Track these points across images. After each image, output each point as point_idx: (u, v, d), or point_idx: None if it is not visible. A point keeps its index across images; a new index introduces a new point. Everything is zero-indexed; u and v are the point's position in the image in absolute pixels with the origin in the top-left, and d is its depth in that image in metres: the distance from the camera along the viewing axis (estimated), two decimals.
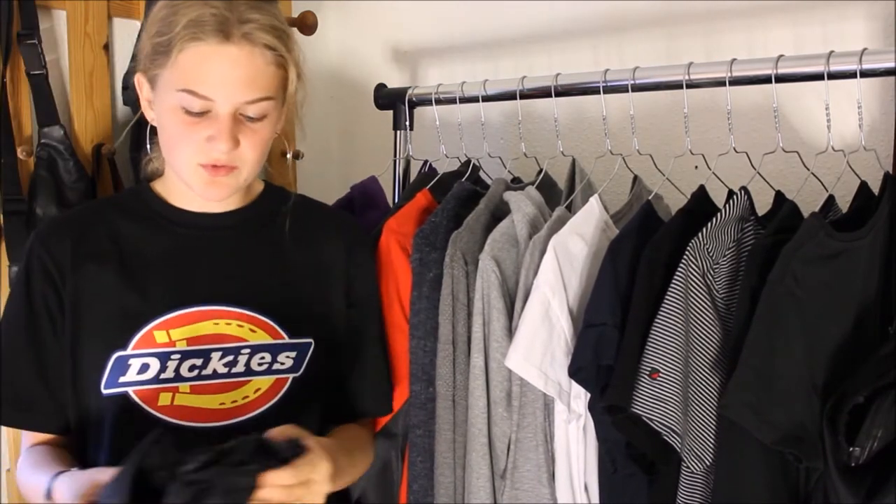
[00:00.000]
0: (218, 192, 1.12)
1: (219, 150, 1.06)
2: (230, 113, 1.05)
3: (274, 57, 1.07)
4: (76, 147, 1.54)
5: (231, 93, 1.05)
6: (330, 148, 2.15)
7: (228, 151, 1.06)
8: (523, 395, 1.24)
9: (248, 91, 1.05)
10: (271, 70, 1.07)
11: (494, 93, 1.46)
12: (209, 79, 1.04)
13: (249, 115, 1.07)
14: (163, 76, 1.08)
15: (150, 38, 1.09)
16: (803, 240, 1.06)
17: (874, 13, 1.38)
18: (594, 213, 1.27)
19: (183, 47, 1.04)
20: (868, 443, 0.98)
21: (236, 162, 1.09)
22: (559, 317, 1.21)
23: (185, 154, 1.08)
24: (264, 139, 1.10)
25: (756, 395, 1.04)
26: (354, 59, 2.10)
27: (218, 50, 1.03)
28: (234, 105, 1.05)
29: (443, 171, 1.52)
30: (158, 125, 1.13)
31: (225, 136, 1.05)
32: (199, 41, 1.03)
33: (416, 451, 1.33)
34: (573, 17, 1.72)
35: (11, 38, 1.46)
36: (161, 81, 1.08)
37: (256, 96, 1.06)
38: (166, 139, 1.11)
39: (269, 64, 1.07)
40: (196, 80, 1.04)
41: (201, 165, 1.08)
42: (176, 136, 1.08)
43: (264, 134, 1.10)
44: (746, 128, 1.43)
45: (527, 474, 1.24)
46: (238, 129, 1.06)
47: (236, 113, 1.06)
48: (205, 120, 1.06)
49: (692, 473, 1.14)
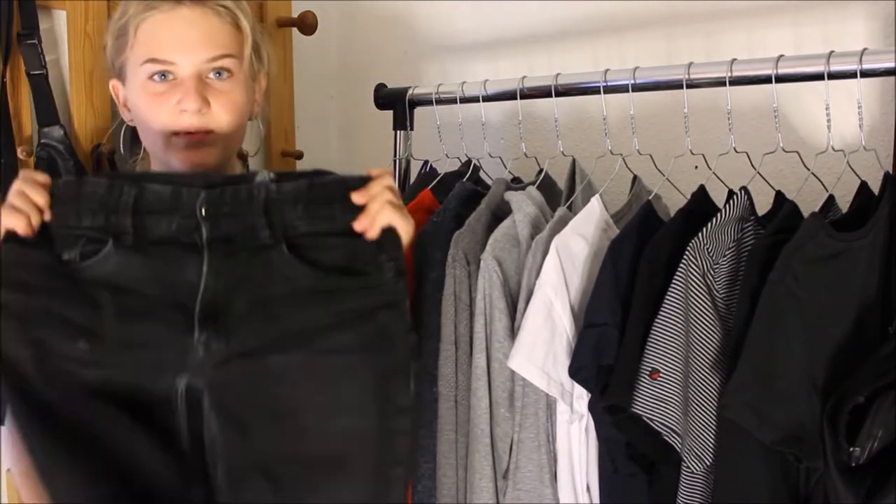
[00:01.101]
0: (195, 158, 1.10)
1: (189, 109, 1.07)
2: (193, 73, 1.08)
3: (228, 14, 1.10)
4: (76, 147, 1.54)
5: (190, 52, 1.08)
6: (330, 148, 2.15)
7: (198, 111, 1.07)
8: (525, 396, 1.24)
9: (206, 49, 1.08)
10: (227, 29, 1.10)
11: (494, 93, 1.46)
12: (167, 43, 1.07)
13: (212, 74, 1.09)
14: (129, 61, 1.11)
15: (111, 35, 1.13)
16: (803, 240, 1.06)
17: (874, 13, 1.38)
18: (595, 213, 1.27)
19: (139, 22, 1.08)
20: (868, 443, 0.98)
21: (210, 124, 1.09)
22: (561, 317, 1.21)
23: (159, 126, 1.09)
24: (234, 101, 1.11)
25: (756, 395, 1.04)
26: (354, 59, 2.10)
27: (171, 14, 1.08)
28: (195, 65, 1.08)
29: (443, 172, 1.52)
30: (134, 115, 1.14)
31: (192, 94, 1.07)
32: (152, 11, 1.08)
33: (419, 451, 1.33)
34: (573, 17, 1.72)
35: (11, 38, 1.46)
36: (128, 68, 1.11)
37: (216, 53, 1.09)
38: (141, 120, 1.12)
39: (225, 23, 1.10)
40: (155, 47, 1.08)
41: (175, 135, 1.09)
42: (148, 111, 1.10)
43: (234, 96, 1.11)
44: (746, 128, 1.43)
45: (529, 475, 1.24)
46: (205, 90, 1.08)
47: (200, 75, 1.08)
48: (171, 87, 1.08)
49: (692, 473, 1.14)
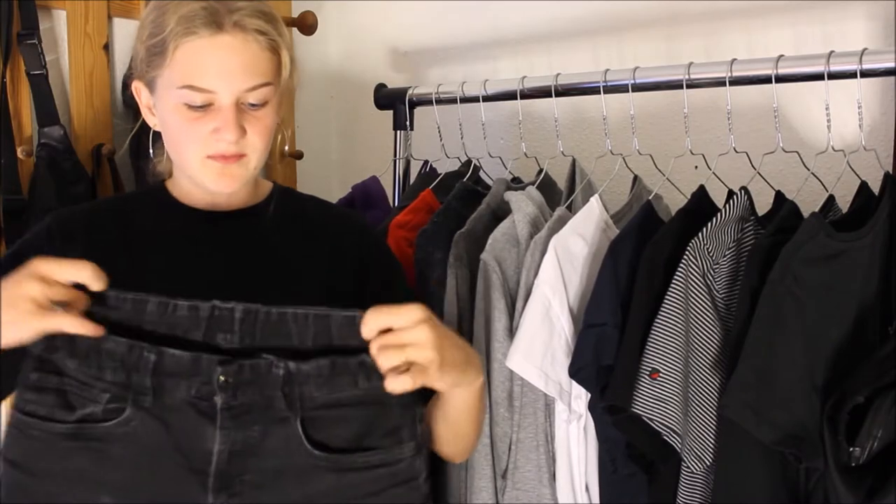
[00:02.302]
0: (229, 183, 1.11)
1: (226, 140, 1.06)
2: (232, 103, 1.06)
3: (267, 42, 1.08)
4: (76, 147, 1.54)
5: (231, 82, 1.06)
6: (330, 148, 2.15)
7: (236, 141, 1.07)
8: (524, 396, 1.24)
9: (247, 78, 1.07)
10: (266, 55, 1.09)
11: (494, 93, 1.47)
12: (208, 71, 1.05)
13: (251, 102, 1.08)
14: (161, 77, 1.08)
15: (142, 42, 1.10)
16: (803, 240, 1.06)
17: (874, 13, 1.38)
18: (594, 212, 1.27)
19: (178, 44, 1.05)
20: (868, 443, 0.98)
21: (245, 150, 1.09)
22: (560, 317, 1.21)
23: (192, 149, 1.09)
24: (268, 126, 1.11)
25: (756, 395, 1.04)
26: (354, 59, 2.10)
27: (212, 41, 1.05)
28: (235, 94, 1.06)
29: (443, 172, 1.52)
30: (162, 127, 1.13)
31: (231, 125, 1.06)
32: (192, 35, 1.04)
33: None
34: (573, 17, 1.72)
35: (11, 38, 1.46)
36: (160, 83, 1.09)
37: (256, 83, 1.07)
38: (172, 138, 1.12)
39: (264, 49, 1.08)
40: (195, 74, 1.05)
41: (209, 157, 1.08)
42: (181, 134, 1.09)
43: (267, 121, 1.11)
44: (746, 128, 1.43)
45: (527, 474, 1.24)
46: (242, 118, 1.08)
47: (238, 102, 1.07)
48: (208, 113, 1.07)
49: (692, 473, 1.14)
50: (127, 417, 0.97)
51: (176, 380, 0.97)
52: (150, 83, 1.11)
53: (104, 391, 0.98)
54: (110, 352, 0.96)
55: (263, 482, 0.98)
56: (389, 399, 0.98)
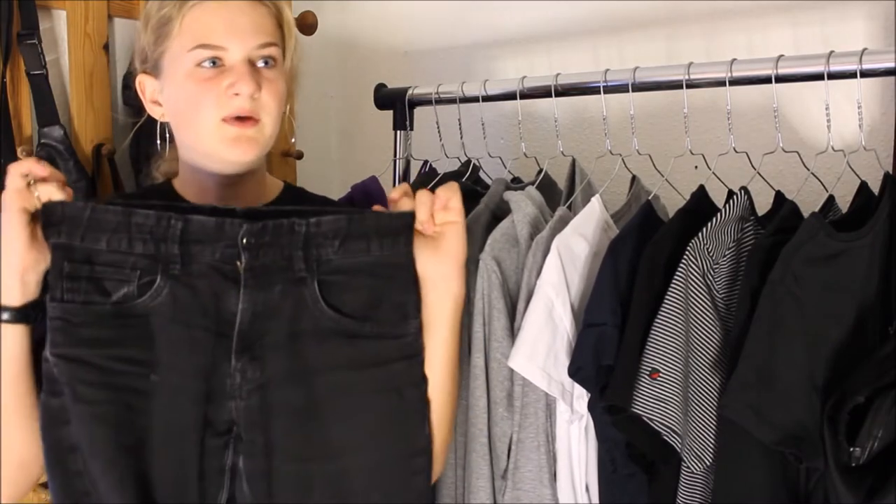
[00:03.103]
0: (245, 150, 1.10)
1: (243, 93, 1.07)
2: (244, 58, 1.09)
3: (273, 7, 1.13)
4: (76, 147, 1.54)
5: (241, 38, 1.08)
6: (330, 148, 2.15)
7: (251, 94, 1.08)
8: (525, 396, 1.24)
9: (256, 36, 1.09)
10: (272, 21, 1.12)
11: (494, 93, 1.46)
12: (218, 29, 1.08)
13: (260, 62, 1.10)
14: (170, 50, 1.10)
15: (147, 27, 1.12)
16: (803, 240, 1.06)
17: (874, 13, 1.38)
18: (596, 213, 1.27)
19: (186, 12, 1.08)
20: (868, 443, 0.98)
21: (259, 113, 1.09)
22: (562, 317, 1.21)
23: (208, 113, 1.08)
24: (278, 91, 1.12)
25: (756, 395, 1.04)
26: (354, 59, 2.10)
27: (220, 3, 1.09)
28: (245, 50, 1.09)
29: (443, 172, 1.52)
30: (173, 102, 1.13)
31: (246, 77, 1.07)
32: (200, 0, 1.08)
33: None
34: (573, 17, 1.72)
35: (11, 38, 1.46)
36: (168, 57, 1.11)
37: (265, 40, 1.10)
38: (185, 107, 1.11)
39: (270, 14, 1.12)
40: (206, 33, 1.08)
41: (225, 121, 1.08)
42: (195, 97, 1.09)
43: (279, 85, 1.12)
44: (746, 128, 1.44)
45: (528, 475, 1.24)
46: (256, 75, 1.09)
47: (249, 60, 1.09)
48: (220, 73, 1.08)
49: (692, 473, 1.14)
50: (158, 287, 0.98)
51: (202, 246, 0.99)
52: (156, 65, 1.12)
53: (135, 268, 0.99)
54: (139, 224, 0.98)
55: (281, 343, 1.00)
56: (398, 273, 1.04)
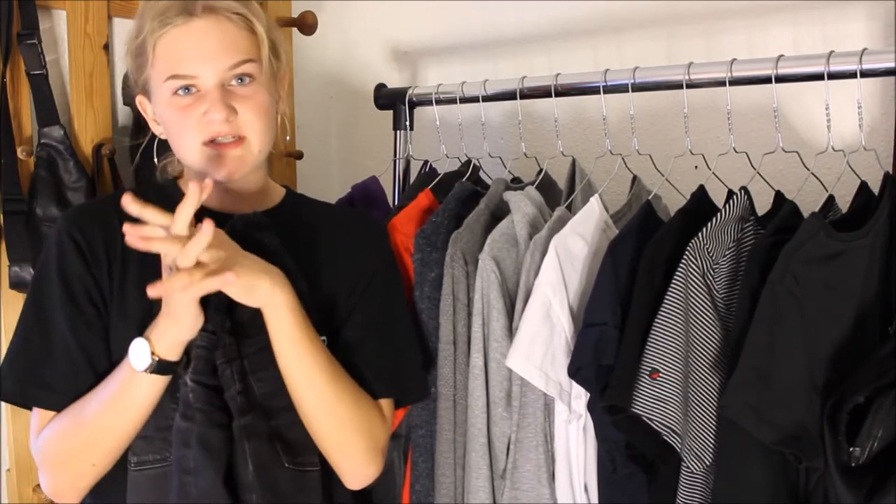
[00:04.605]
0: (231, 168, 1.10)
1: (216, 119, 1.07)
2: (216, 84, 1.08)
3: (241, 20, 1.10)
4: (76, 147, 1.54)
5: (210, 64, 1.07)
6: (330, 148, 2.15)
7: (225, 119, 1.07)
8: (524, 396, 1.24)
9: (225, 57, 1.08)
10: (243, 34, 1.10)
11: (494, 93, 1.46)
12: (186, 57, 1.07)
13: (234, 81, 1.09)
14: (151, 77, 1.10)
15: (129, 54, 1.13)
16: (803, 240, 1.06)
17: (874, 13, 1.38)
18: (594, 212, 1.27)
19: (156, 40, 1.08)
20: (868, 443, 0.98)
21: (242, 131, 1.09)
22: (560, 317, 1.21)
23: (189, 137, 1.09)
24: (261, 105, 1.11)
25: (756, 395, 1.04)
26: (354, 59, 2.10)
27: (186, 28, 1.07)
28: (216, 74, 1.08)
29: (443, 172, 1.52)
30: (164, 128, 1.14)
31: (217, 104, 1.07)
32: (167, 27, 1.07)
33: (418, 451, 1.33)
34: (573, 17, 1.72)
35: (11, 38, 1.46)
36: (152, 84, 1.11)
37: (235, 60, 1.09)
38: (171, 134, 1.12)
39: (240, 28, 1.10)
40: (175, 63, 1.07)
41: (205, 144, 1.09)
42: (177, 125, 1.10)
43: (259, 99, 1.11)
44: (746, 128, 1.43)
45: (527, 474, 1.24)
46: (229, 98, 1.08)
47: (223, 83, 1.08)
48: (196, 99, 1.08)
49: (692, 473, 1.14)
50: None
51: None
52: (144, 88, 1.13)
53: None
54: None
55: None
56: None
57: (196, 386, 1.04)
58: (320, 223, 1.23)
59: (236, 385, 1.06)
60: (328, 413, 1.12)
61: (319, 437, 1.12)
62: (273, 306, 1.06)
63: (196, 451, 1.03)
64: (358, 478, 1.17)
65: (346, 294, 1.20)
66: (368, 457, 1.15)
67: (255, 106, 1.10)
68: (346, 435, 1.13)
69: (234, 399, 1.06)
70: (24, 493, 1.53)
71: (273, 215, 1.18)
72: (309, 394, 1.10)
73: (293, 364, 1.09)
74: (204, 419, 1.04)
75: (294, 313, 1.07)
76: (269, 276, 1.05)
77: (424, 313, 1.31)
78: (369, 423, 1.16)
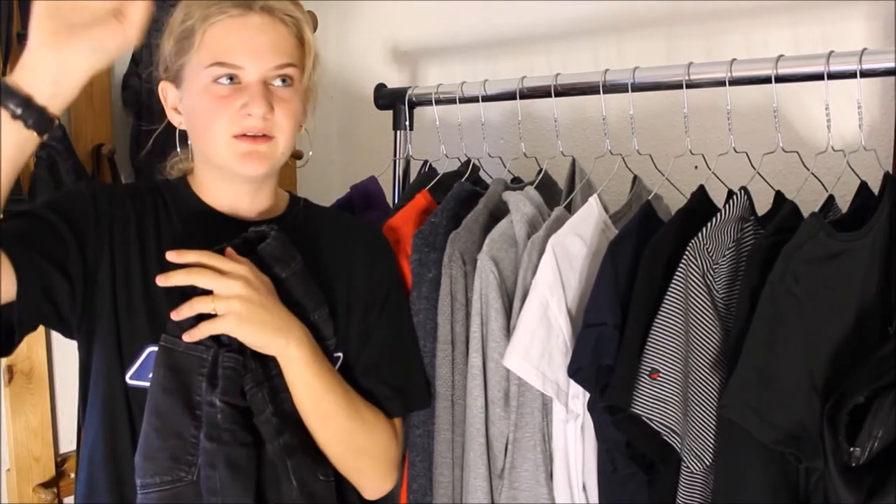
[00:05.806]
0: (256, 164, 1.10)
1: (255, 114, 1.07)
2: (259, 79, 1.09)
3: (294, 26, 1.12)
4: (76, 147, 1.55)
5: (258, 59, 1.08)
6: (330, 148, 2.15)
7: (263, 115, 1.08)
8: (521, 395, 1.24)
9: (273, 56, 1.09)
10: (292, 40, 1.12)
11: (494, 93, 1.46)
12: (236, 48, 1.08)
13: (277, 82, 1.10)
14: (190, 63, 1.11)
15: (171, 37, 1.13)
16: (803, 240, 1.06)
17: (874, 13, 1.38)
18: (593, 212, 1.27)
19: (207, 27, 1.08)
20: (868, 443, 0.98)
21: (272, 131, 1.10)
22: (557, 317, 1.21)
23: (220, 128, 1.09)
24: (294, 110, 1.12)
25: (756, 395, 1.04)
26: (354, 59, 2.10)
27: (241, 21, 1.09)
28: (261, 71, 1.09)
29: (443, 172, 1.52)
30: (190, 114, 1.13)
31: (258, 99, 1.07)
32: (222, 15, 1.08)
33: (415, 451, 1.33)
34: (573, 17, 1.72)
35: (11, 38, 1.46)
36: (188, 69, 1.11)
37: (282, 61, 1.10)
38: (199, 121, 1.11)
39: (291, 34, 1.12)
40: (223, 51, 1.08)
41: (236, 137, 1.09)
42: (210, 113, 1.09)
43: (293, 105, 1.12)
44: (746, 128, 1.43)
45: (525, 474, 1.24)
46: (269, 97, 1.09)
47: (265, 80, 1.09)
48: (236, 91, 1.08)
49: (692, 473, 1.14)
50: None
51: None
52: (177, 75, 1.13)
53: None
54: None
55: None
56: None
57: (225, 406, 1.04)
58: (332, 232, 1.24)
59: (270, 407, 1.07)
60: (346, 444, 1.16)
61: (336, 462, 1.16)
62: (286, 358, 1.09)
63: (222, 472, 1.03)
64: (375, 492, 1.22)
65: (361, 310, 1.22)
66: (384, 475, 1.22)
67: (289, 110, 1.11)
68: (362, 461, 1.19)
69: (270, 421, 1.07)
70: (24, 493, 1.54)
71: (282, 221, 1.19)
72: (326, 429, 1.14)
73: (309, 406, 1.12)
74: (231, 439, 1.04)
75: (309, 365, 1.09)
76: (283, 335, 1.07)
77: (422, 314, 1.31)
78: (385, 447, 1.21)
